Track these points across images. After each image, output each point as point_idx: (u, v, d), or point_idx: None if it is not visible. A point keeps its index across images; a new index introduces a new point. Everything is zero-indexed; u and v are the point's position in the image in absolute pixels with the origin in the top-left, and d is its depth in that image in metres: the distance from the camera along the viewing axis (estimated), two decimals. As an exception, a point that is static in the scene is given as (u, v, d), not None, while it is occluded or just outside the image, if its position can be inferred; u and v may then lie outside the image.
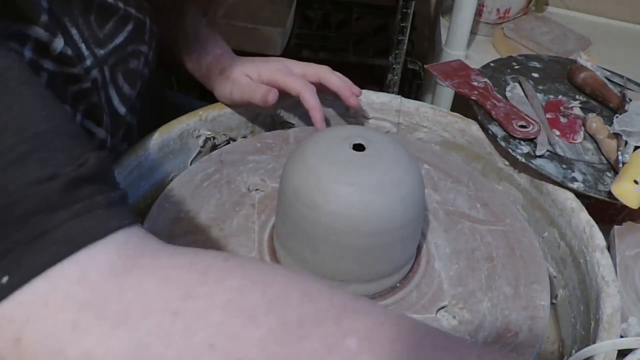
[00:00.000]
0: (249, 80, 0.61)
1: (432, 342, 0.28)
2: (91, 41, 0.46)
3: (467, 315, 0.47)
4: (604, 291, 0.47)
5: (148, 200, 0.59)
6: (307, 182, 0.44)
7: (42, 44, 0.41)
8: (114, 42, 0.49)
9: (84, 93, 0.45)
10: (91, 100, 0.47)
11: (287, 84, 0.60)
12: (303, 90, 0.59)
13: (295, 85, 0.59)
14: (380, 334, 0.28)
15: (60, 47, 0.42)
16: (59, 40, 0.42)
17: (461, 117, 0.65)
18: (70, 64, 0.43)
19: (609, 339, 0.43)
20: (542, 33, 1.16)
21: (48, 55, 0.41)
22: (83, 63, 0.46)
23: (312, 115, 0.59)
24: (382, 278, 0.47)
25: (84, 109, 0.46)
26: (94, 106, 0.47)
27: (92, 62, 0.47)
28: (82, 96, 0.45)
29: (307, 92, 0.59)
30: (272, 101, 0.59)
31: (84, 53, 0.46)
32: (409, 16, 1.16)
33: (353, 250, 0.45)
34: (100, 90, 0.49)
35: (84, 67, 0.46)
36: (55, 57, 0.42)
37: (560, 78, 0.71)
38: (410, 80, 1.37)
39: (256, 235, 0.52)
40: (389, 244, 0.45)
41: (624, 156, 0.56)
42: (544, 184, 0.58)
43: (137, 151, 0.56)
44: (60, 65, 0.43)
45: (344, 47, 1.29)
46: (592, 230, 0.52)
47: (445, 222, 0.55)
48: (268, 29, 1.17)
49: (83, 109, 0.46)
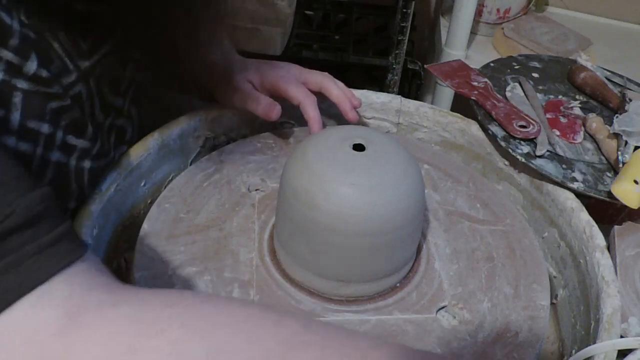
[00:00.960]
0: (251, 87, 0.60)
1: None
2: (74, 54, 0.45)
3: (467, 315, 0.47)
4: (604, 291, 0.47)
5: (148, 200, 0.59)
6: (307, 182, 0.44)
7: (14, 65, 0.39)
8: (99, 51, 0.48)
9: (65, 109, 0.44)
10: (73, 114, 0.45)
11: (289, 93, 0.60)
12: (304, 101, 0.59)
13: (297, 95, 0.59)
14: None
15: (33, 69, 0.41)
16: (31, 64, 0.41)
17: (461, 117, 0.65)
18: (46, 84, 0.42)
19: (609, 339, 0.43)
20: (542, 33, 1.16)
21: (21, 76, 0.40)
22: (67, 78, 0.45)
23: (311, 126, 0.59)
24: (382, 278, 0.47)
25: (66, 123, 0.45)
26: (76, 120, 0.46)
27: (77, 77, 0.46)
28: (63, 112, 0.44)
29: (308, 103, 0.59)
30: (274, 117, 0.59)
31: (69, 67, 0.45)
32: (409, 16, 1.16)
33: (353, 250, 0.45)
34: (84, 103, 0.47)
35: (68, 82, 0.45)
36: (29, 78, 0.41)
37: (561, 78, 0.71)
38: (410, 80, 1.37)
39: (256, 235, 0.52)
40: (389, 244, 0.45)
41: (624, 156, 0.56)
42: (544, 184, 0.58)
43: (137, 151, 0.56)
44: (36, 84, 0.41)
45: (344, 47, 1.28)
46: (592, 230, 0.52)
47: (446, 222, 0.55)
48: (268, 29, 1.17)
49: (65, 124, 0.45)
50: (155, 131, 0.59)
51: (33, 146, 0.42)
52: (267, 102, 0.59)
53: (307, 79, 0.62)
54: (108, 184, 0.52)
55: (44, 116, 0.43)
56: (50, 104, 0.43)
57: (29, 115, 0.41)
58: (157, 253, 0.49)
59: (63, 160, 0.46)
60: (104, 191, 0.52)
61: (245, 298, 0.46)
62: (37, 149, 0.43)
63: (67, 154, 0.46)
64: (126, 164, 0.55)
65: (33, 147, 0.42)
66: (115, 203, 0.53)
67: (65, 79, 0.45)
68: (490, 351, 0.44)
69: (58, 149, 0.45)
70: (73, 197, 0.49)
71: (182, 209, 0.54)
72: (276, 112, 0.58)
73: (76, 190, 0.49)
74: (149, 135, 0.58)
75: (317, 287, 0.47)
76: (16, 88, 0.40)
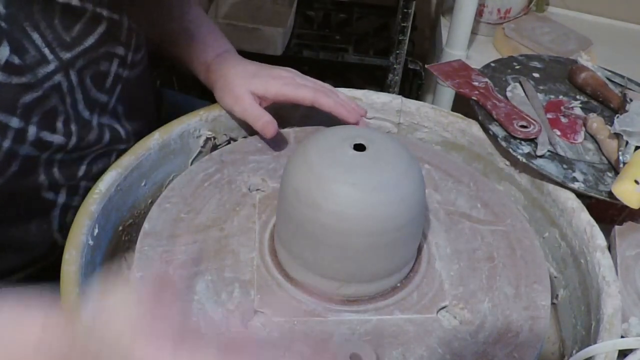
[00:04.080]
0: (252, 100, 0.60)
1: None
2: (56, 45, 0.45)
3: (468, 315, 0.47)
4: (604, 291, 0.47)
5: (148, 200, 0.59)
6: (308, 182, 0.44)
7: None
8: (82, 44, 0.48)
9: (37, 101, 0.44)
10: (46, 107, 0.45)
11: (298, 95, 0.59)
12: (316, 97, 0.59)
13: (307, 94, 0.59)
14: None
15: (5, 57, 0.41)
16: (3, 50, 0.41)
17: (462, 117, 0.65)
18: (18, 73, 0.42)
19: (610, 339, 0.43)
20: (542, 33, 1.16)
21: None
22: (44, 68, 0.45)
23: (337, 114, 0.59)
24: (382, 278, 0.47)
25: (38, 119, 0.45)
26: (49, 112, 0.46)
27: (57, 66, 0.46)
28: (35, 105, 0.44)
29: (321, 97, 0.59)
30: (269, 135, 0.59)
31: (48, 57, 0.45)
32: (410, 16, 1.16)
33: (354, 250, 0.45)
34: (65, 95, 0.47)
35: (45, 72, 0.45)
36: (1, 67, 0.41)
37: (561, 78, 0.71)
38: (411, 80, 1.37)
39: (257, 235, 0.52)
40: (390, 244, 0.45)
41: (625, 156, 0.56)
42: (545, 184, 0.58)
43: (138, 151, 0.56)
44: (7, 75, 0.41)
45: (344, 47, 1.28)
46: (593, 231, 0.52)
47: (446, 222, 0.55)
48: (269, 29, 1.17)
49: (37, 119, 0.45)
50: (156, 131, 0.59)
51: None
52: (266, 119, 0.59)
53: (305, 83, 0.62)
54: (108, 183, 0.52)
55: (14, 110, 0.43)
56: (23, 98, 0.43)
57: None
58: (158, 253, 0.49)
59: (34, 154, 0.46)
60: (104, 191, 0.52)
61: (246, 298, 0.46)
62: (4, 142, 0.43)
63: (40, 150, 0.46)
64: (127, 163, 0.55)
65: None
66: (115, 203, 0.53)
67: (42, 69, 0.45)
68: (490, 351, 0.44)
69: (31, 144, 0.45)
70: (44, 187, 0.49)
71: (183, 209, 0.54)
72: (272, 131, 0.59)
73: (45, 181, 0.49)
74: (149, 135, 0.58)
75: (318, 287, 0.47)
76: None
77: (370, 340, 0.44)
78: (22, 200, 0.49)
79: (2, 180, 0.44)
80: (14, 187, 0.46)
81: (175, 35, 0.66)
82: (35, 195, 0.49)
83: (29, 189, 0.48)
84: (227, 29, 1.15)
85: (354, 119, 0.60)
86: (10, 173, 0.44)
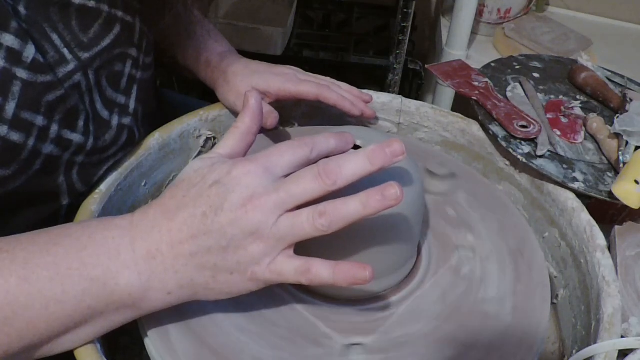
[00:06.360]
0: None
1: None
2: (74, 45, 0.46)
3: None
4: (604, 291, 0.47)
5: (149, 200, 0.59)
6: (307, 182, 0.44)
7: (14, 51, 0.40)
8: (100, 45, 0.49)
9: (60, 100, 0.45)
10: (68, 105, 0.46)
11: (302, 90, 0.60)
12: (320, 91, 0.59)
13: (311, 89, 0.60)
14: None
15: (32, 54, 0.41)
16: (30, 47, 0.41)
17: (462, 117, 0.65)
18: (43, 72, 0.43)
19: (610, 339, 0.43)
20: (542, 33, 1.16)
21: (21, 63, 0.41)
22: (64, 67, 0.45)
23: (341, 108, 0.60)
24: (382, 277, 0.47)
25: (60, 117, 0.45)
26: (71, 111, 0.46)
27: (76, 66, 0.46)
28: (58, 103, 0.45)
29: (324, 91, 0.60)
30: (271, 126, 0.60)
31: (67, 57, 0.45)
32: (410, 16, 1.16)
33: (353, 249, 0.45)
34: (84, 94, 0.48)
35: (65, 71, 0.45)
36: (27, 66, 0.41)
37: (561, 78, 0.71)
38: (411, 80, 1.37)
39: (257, 235, 0.52)
40: (390, 244, 0.45)
41: (625, 156, 0.56)
42: (545, 184, 0.58)
43: (138, 151, 0.56)
44: (34, 73, 0.42)
45: (344, 47, 1.29)
46: (593, 230, 0.52)
47: (444, 221, 0.55)
48: (268, 29, 1.17)
49: (60, 117, 0.45)
50: (156, 131, 0.59)
51: (25, 137, 0.43)
52: (267, 109, 0.59)
53: (309, 79, 0.62)
54: (109, 183, 0.52)
55: (39, 108, 0.43)
56: (47, 96, 0.44)
57: (25, 106, 0.42)
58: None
59: (56, 154, 0.46)
60: (105, 191, 0.52)
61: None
62: (29, 140, 0.43)
63: (62, 148, 0.46)
64: (127, 163, 0.55)
65: (25, 137, 0.43)
66: (115, 203, 0.53)
67: (62, 69, 0.45)
68: (490, 351, 0.44)
69: (52, 142, 0.45)
70: (62, 191, 0.49)
71: (183, 208, 0.54)
72: (272, 120, 0.60)
73: (64, 183, 0.49)
74: (149, 135, 0.58)
75: (318, 287, 0.47)
76: (16, 77, 0.41)
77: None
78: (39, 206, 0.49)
79: (25, 178, 0.44)
80: (35, 187, 0.46)
81: (175, 35, 0.66)
82: (53, 199, 0.49)
83: (48, 193, 0.48)
84: (227, 29, 1.15)
85: (358, 112, 0.61)
86: (33, 171, 0.45)
